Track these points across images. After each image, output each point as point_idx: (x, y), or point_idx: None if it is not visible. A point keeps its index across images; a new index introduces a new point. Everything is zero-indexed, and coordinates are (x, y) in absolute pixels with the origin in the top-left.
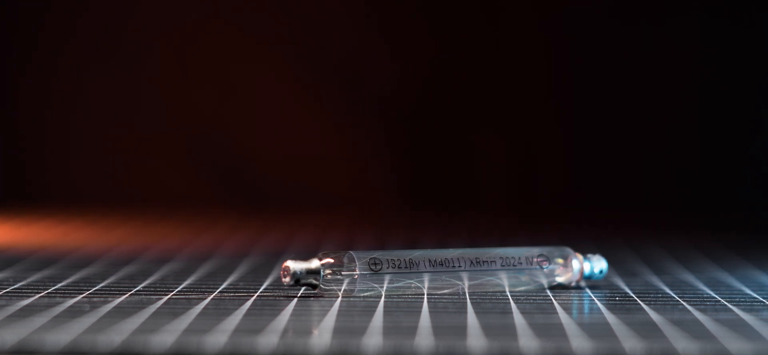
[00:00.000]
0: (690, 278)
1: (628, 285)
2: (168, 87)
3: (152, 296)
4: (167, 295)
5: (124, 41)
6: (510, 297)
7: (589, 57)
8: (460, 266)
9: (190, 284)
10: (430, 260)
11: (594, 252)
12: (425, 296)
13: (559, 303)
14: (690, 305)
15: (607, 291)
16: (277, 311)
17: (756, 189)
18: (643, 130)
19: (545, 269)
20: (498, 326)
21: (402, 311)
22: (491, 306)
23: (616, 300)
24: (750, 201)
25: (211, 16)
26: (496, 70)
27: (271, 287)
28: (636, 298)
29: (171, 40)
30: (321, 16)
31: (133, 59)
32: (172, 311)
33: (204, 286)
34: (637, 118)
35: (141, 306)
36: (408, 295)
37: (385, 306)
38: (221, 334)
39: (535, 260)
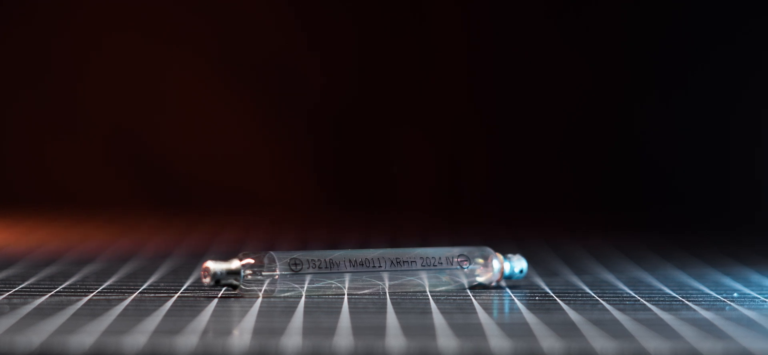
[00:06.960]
0: (610, 277)
1: (548, 285)
2: (90, 87)
3: (72, 297)
4: (87, 296)
5: (50, 45)
6: (430, 297)
7: (511, 60)
8: (380, 266)
9: (110, 285)
10: (350, 261)
11: (515, 252)
12: (346, 296)
13: (479, 303)
14: (609, 304)
15: (528, 291)
16: (197, 311)
17: (677, 188)
18: (564, 131)
19: (466, 269)
20: (417, 326)
21: (322, 311)
22: (411, 306)
23: (536, 300)
24: (670, 200)
25: (136, 17)
26: (421, 71)
27: (192, 287)
28: (556, 297)
29: (95, 41)
30: (244, 16)
31: (58, 61)
32: (92, 312)
33: (124, 287)
34: (557, 119)
35: (61, 307)
36: (328, 295)
37: (306, 306)
38: (141, 335)
39: (455, 259)
